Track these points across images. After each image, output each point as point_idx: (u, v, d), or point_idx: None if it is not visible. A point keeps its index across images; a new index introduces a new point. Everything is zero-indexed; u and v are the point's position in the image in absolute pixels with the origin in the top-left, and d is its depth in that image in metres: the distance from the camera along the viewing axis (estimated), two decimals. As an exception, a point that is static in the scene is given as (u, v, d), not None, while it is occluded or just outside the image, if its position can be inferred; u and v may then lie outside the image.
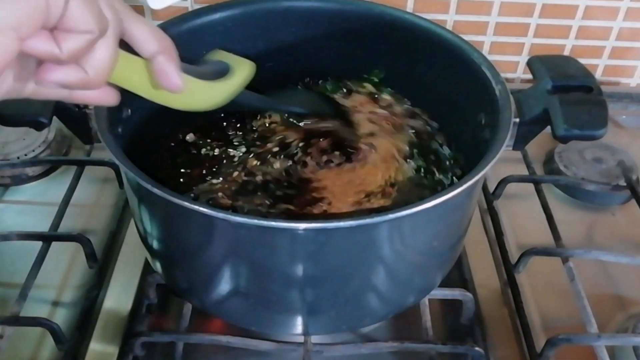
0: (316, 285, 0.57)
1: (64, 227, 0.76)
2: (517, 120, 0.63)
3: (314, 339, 0.65)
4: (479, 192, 0.71)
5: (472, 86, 0.66)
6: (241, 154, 0.72)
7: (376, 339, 0.70)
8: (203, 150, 0.73)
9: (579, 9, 0.97)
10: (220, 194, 0.66)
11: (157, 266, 0.65)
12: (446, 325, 0.72)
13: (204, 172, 0.70)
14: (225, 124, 0.77)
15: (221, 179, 0.68)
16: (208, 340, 0.65)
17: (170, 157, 0.72)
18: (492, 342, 0.69)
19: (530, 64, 0.69)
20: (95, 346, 0.67)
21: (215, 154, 0.72)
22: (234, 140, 0.74)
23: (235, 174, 0.69)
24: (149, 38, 0.47)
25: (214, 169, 0.70)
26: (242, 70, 0.59)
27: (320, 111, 0.75)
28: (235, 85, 0.58)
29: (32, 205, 0.84)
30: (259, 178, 0.68)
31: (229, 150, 0.73)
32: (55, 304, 0.72)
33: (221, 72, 0.58)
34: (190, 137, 0.74)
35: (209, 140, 0.74)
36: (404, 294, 0.63)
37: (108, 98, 0.49)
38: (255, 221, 0.50)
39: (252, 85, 0.61)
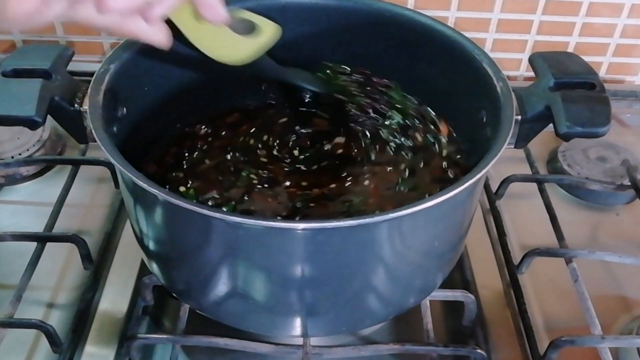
0: (315, 286, 0.57)
1: (59, 227, 0.76)
2: (519, 117, 0.63)
3: (313, 341, 0.65)
4: (481, 191, 0.71)
5: (473, 83, 0.65)
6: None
7: (376, 341, 0.70)
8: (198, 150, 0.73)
9: (583, 6, 0.97)
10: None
11: (154, 267, 0.64)
12: (448, 327, 0.72)
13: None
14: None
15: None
16: (205, 343, 0.65)
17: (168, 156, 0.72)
18: (494, 344, 0.68)
19: (532, 60, 0.68)
20: (90, 348, 0.66)
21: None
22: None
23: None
24: None
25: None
26: (269, 31, 0.61)
27: (328, 92, 0.75)
28: (261, 44, 0.60)
29: (26, 205, 0.83)
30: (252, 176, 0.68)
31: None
32: (50, 305, 0.71)
33: (248, 30, 0.60)
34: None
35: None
36: (404, 294, 0.63)
37: (161, 36, 0.49)
38: (253, 221, 0.50)
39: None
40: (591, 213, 0.86)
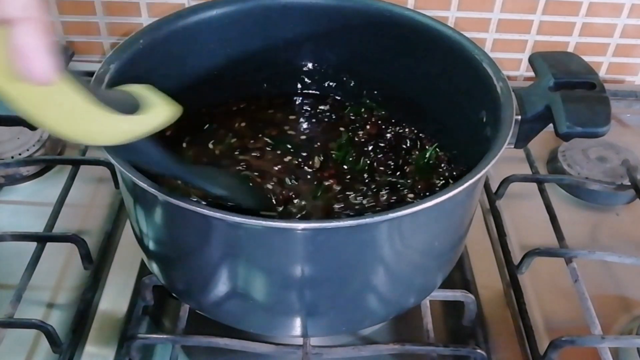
0: (315, 286, 0.57)
1: (59, 227, 0.76)
2: (519, 117, 0.63)
3: (313, 341, 0.64)
4: (481, 191, 0.71)
5: (473, 83, 0.65)
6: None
7: (376, 341, 0.69)
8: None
9: (583, 6, 0.97)
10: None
11: (154, 267, 0.64)
12: (448, 327, 0.72)
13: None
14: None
15: None
16: (205, 343, 0.65)
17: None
18: (494, 344, 0.68)
19: (531, 60, 0.68)
20: (90, 349, 0.66)
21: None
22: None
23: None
24: None
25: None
26: (159, 112, 0.47)
27: (238, 200, 0.62)
28: (141, 128, 0.46)
29: (26, 205, 0.83)
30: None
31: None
32: (50, 305, 0.71)
33: (126, 104, 0.46)
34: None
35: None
36: (404, 294, 0.63)
37: None
38: (253, 221, 0.50)
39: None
40: (591, 213, 0.86)
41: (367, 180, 0.70)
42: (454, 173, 0.71)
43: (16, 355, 0.66)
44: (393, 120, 0.78)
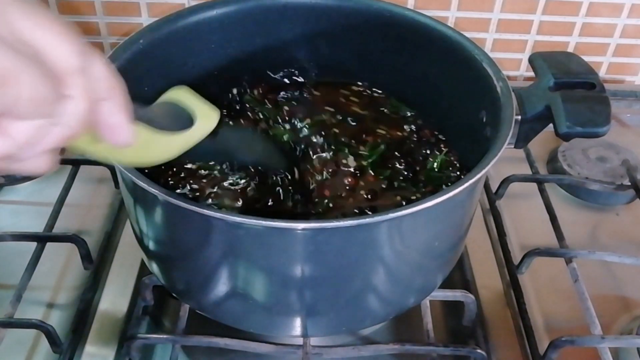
0: (315, 286, 0.57)
1: (59, 227, 0.76)
2: (519, 117, 0.63)
3: (313, 341, 0.64)
4: (481, 191, 0.71)
5: (473, 83, 0.65)
6: None
7: (376, 341, 0.69)
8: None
9: (583, 6, 0.97)
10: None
11: (154, 267, 0.64)
12: (448, 327, 0.72)
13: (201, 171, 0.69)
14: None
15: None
16: (205, 343, 0.65)
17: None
18: (494, 344, 0.68)
19: (531, 60, 0.68)
20: (90, 349, 0.66)
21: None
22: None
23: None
24: (97, 78, 0.38)
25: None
26: (206, 122, 0.50)
27: (275, 165, 0.66)
28: (193, 139, 0.49)
29: (26, 205, 0.83)
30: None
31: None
32: (50, 305, 0.71)
33: (178, 118, 0.49)
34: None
35: None
36: (404, 294, 0.63)
37: (43, 166, 0.38)
38: (253, 221, 0.50)
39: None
40: (591, 213, 0.86)
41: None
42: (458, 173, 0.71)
43: (16, 355, 0.66)
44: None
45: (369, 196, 0.67)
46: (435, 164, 0.71)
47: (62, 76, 0.35)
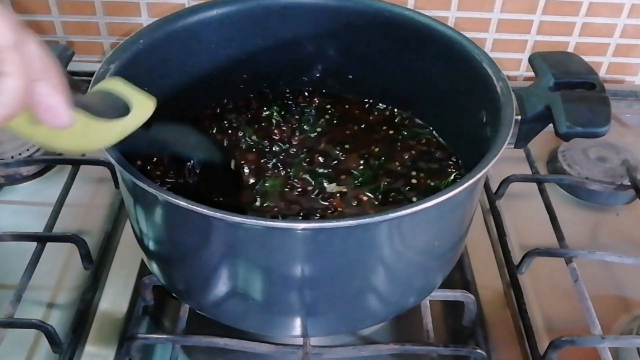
0: (315, 286, 0.57)
1: (59, 227, 0.75)
2: (519, 117, 0.62)
3: (313, 341, 0.64)
4: (481, 191, 0.71)
5: (473, 83, 0.65)
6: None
7: (376, 341, 0.69)
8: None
9: (583, 6, 0.96)
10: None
11: (154, 267, 0.64)
12: (448, 327, 0.72)
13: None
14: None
15: None
16: (205, 343, 0.65)
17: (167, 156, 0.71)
18: (494, 344, 0.68)
19: (531, 60, 0.68)
20: (90, 349, 0.66)
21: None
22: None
23: None
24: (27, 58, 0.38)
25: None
26: (141, 110, 0.51)
27: (212, 159, 0.68)
28: (129, 126, 0.50)
29: (26, 205, 0.83)
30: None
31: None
32: (50, 305, 0.71)
33: (113, 107, 0.50)
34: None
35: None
36: (404, 294, 0.63)
37: None
38: (253, 221, 0.50)
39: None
40: (591, 213, 0.86)
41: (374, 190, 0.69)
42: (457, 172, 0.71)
43: (16, 355, 0.66)
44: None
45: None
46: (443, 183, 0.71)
47: None
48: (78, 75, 0.65)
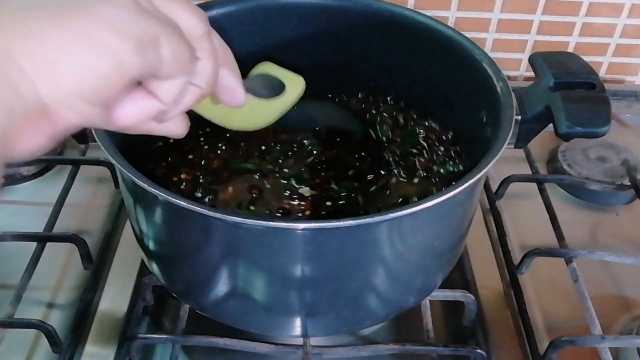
0: (315, 286, 0.56)
1: (59, 227, 0.75)
2: (519, 117, 0.62)
3: (313, 341, 0.64)
4: (481, 191, 0.71)
5: (473, 83, 0.65)
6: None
7: (376, 341, 0.69)
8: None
9: (583, 6, 0.97)
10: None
11: (154, 267, 0.64)
12: (448, 327, 0.72)
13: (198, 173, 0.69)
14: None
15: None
16: (205, 343, 0.65)
17: (167, 156, 0.71)
18: (494, 344, 0.68)
19: (531, 60, 0.68)
20: (90, 349, 0.66)
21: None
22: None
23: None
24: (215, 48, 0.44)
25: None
26: (295, 87, 0.59)
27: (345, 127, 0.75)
28: (287, 103, 0.57)
29: (26, 205, 0.83)
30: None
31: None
32: (50, 305, 0.71)
33: (271, 88, 0.57)
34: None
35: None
36: (404, 294, 0.63)
37: (178, 129, 0.45)
38: (253, 221, 0.50)
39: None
40: (591, 213, 0.86)
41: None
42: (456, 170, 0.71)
43: (16, 355, 0.66)
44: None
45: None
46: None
47: (193, 40, 0.40)
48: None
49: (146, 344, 0.66)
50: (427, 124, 0.75)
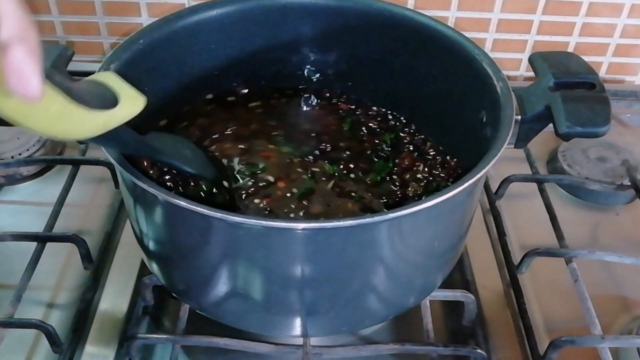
0: (315, 286, 0.57)
1: (59, 227, 0.75)
2: (519, 117, 0.62)
3: (313, 341, 0.64)
4: (481, 191, 0.71)
5: (473, 83, 0.65)
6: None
7: (376, 341, 0.69)
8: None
9: (583, 6, 0.96)
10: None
11: (154, 267, 0.64)
12: (448, 327, 0.72)
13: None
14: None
15: None
16: (205, 343, 0.65)
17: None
18: (494, 344, 0.68)
19: (531, 60, 0.68)
20: (90, 349, 0.66)
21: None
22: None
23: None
24: (5, 15, 0.35)
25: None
26: (130, 106, 0.50)
27: (205, 175, 0.66)
28: (115, 120, 0.48)
29: (26, 205, 0.83)
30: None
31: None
32: (50, 305, 0.71)
33: (101, 98, 0.48)
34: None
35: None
36: (404, 294, 0.63)
37: None
38: (253, 221, 0.50)
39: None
40: (591, 213, 0.86)
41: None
42: (453, 172, 0.71)
43: (16, 355, 0.66)
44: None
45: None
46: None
47: None
48: (78, 75, 0.65)
49: (146, 344, 0.66)
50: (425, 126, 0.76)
